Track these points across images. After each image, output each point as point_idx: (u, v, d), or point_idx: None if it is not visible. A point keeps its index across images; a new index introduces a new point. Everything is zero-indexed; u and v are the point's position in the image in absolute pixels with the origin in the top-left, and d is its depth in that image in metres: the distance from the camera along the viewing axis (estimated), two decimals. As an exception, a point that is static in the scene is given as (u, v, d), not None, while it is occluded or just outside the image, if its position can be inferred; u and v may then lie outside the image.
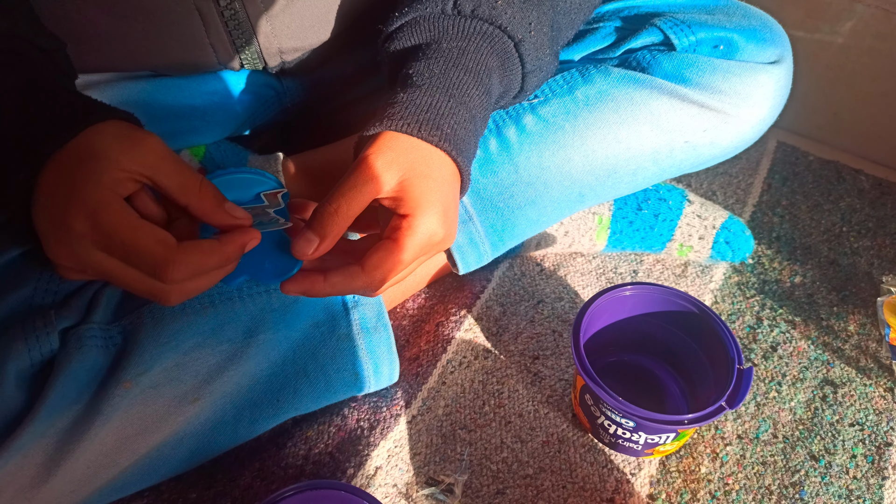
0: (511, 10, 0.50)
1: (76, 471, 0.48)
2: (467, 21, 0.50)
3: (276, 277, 0.47)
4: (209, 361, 0.53)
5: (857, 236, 0.83)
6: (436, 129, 0.46)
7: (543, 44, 0.52)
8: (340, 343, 0.58)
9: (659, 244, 0.77)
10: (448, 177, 0.47)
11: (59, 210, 0.40)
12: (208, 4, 0.55)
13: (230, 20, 0.57)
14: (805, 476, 0.61)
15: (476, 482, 0.60)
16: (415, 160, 0.45)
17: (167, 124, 0.61)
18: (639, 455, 0.61)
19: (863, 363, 0.70)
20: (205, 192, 0.43)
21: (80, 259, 0.41)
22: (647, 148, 0.63)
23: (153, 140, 0.43)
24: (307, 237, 0.44)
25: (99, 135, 0.42)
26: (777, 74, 0.63)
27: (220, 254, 0.43)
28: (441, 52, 0.49)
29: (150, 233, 0.40)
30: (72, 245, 0.40)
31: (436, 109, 0.47)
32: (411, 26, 0.51)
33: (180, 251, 0.41)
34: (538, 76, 0.54)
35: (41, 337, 0.48)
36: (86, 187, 0.40)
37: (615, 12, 0.65)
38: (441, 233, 0.46)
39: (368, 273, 0.45)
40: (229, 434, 0.56)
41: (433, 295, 0.75)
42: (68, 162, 0.41)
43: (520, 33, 0.50)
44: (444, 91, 0.48)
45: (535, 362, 0.69)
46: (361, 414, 0.64)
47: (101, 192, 0.40)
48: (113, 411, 0.49)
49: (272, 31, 0.59)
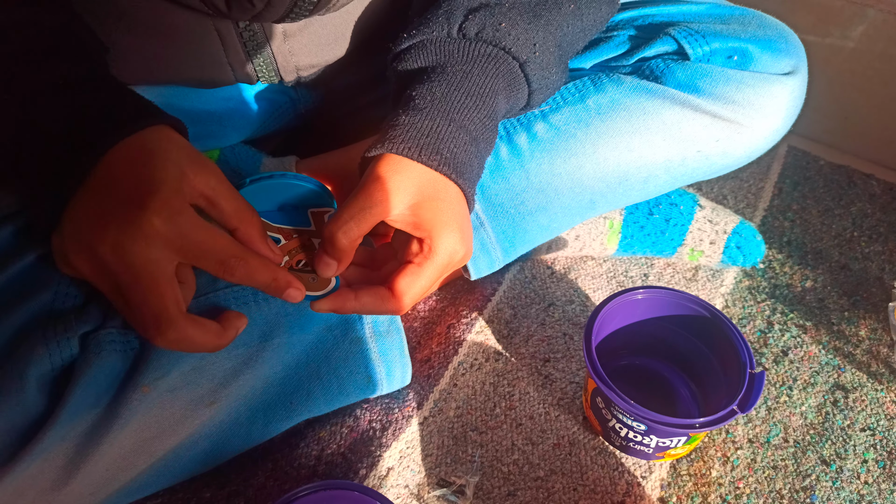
0: (515, 32, 0.51)
1: (95, 473, 0.49)
2: (472, 44, 0.51)
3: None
4: (225, 365, 0.53)
5: (868, 241, 0.83)
6: (435, 153, 0.47)
7: (549, 63, 0.53)
8: (353, 346, 0.58)
9: (670, 249, 0.77)
10: (455, 196, 0.48)
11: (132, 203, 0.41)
12: (227, 25, 0.56)
13: (249, 41, 0.58)
14: (816, 481, 0.61)
15: (487, 484, 0.60)
16: (421, 184, 0.47)
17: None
18: (650, 458, 0.61)
19: (874, 368, 0.70)
20: (256, 220, 0.46)
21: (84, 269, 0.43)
22: (658, 157, 0.63)
23: (213, 164, 0.45)
24: (325, 262, 0.47)
25: (169, 141, 0.44)
26: (791, 86, 0.63)
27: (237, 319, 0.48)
28: (444, 76, 0.50)
29: (222, 238, 0.43)
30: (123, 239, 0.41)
31: (436, 134, 0.48)
32: (418, 49, 0.52)
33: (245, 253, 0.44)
34: (544, 93, 0.55)
35: (61, 342, 0.48)
36: (164, 192, 0.41)
37: (629, 21, 0.65)
38: (461, 251, 0.48)
39: (398, 298, 0.47)
40: (243, 436, 0.56)
41: (444, 297, 0.75)
42: (131, 158, 0.42)
43: (524, 54, 0.51)
44: (444, 115, 0.49)
45: (546, 365, 0.69)
46: (374, 415, 0.64)
47: (181, 199, 0.42)
48: (131, 415, 0.49)
49: (289, 50, 0.60)
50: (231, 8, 0.52)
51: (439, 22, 0.51)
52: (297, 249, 0.51)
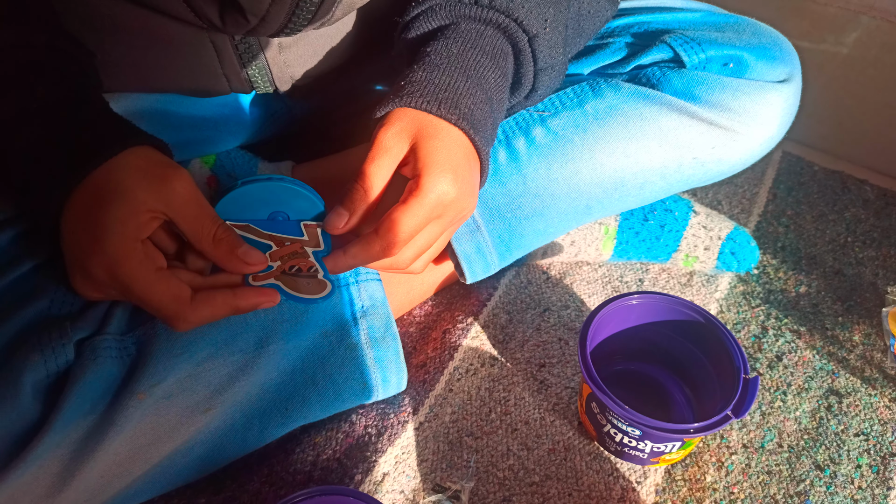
0: (528, 5, 0.51)
1: (90, 480, 0.49)
2: (484, 10, 0.51)
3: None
4: (221, 372, 0.53)
5: (861, 246, 0.83)
6: (454, 107, 0.47)
7: (557, 42, 0.53)
8: (349, 352, 0.58)
9: (664, 255, 0.77)
10: (457, 141, 0.48)
11: (81, 252, 0.43)
12: (223, 38, 0.56)
13: (244, 53, 0.58)
14: (810, 486, 0.62)
15: (482, 489, 0.60)
16: (423, 124, 0.47)
17: (179, 134, 0.62)
18: (644, 463, 0.62)
19: (868, 373, 0.70)
20: (219, 239, 0.46)
21: (101, 293, 0.46)
22: (655, 163, 0.63)
23: (180, 182, 0.45)
24: (338, 212, 0.48)
25: (127, 169, 0.44)
26: (786, 93, 0.63)
27: (233, 307, 0.47)
28: (459, 34, 0.51)
29: (166, 290, 0.44)
30: (92, 283, 0.45)
31: (454, 89, 0.48)
32: (428, 14, 0.52)
33: (192, 308, 0.45)
34: (550, 75, 0.55)
35: (57, 348, 0.48)
36: (109, 236, 0.43)
37: (626, 28, 0.66)
38: (452, 192, 0.47)
39: (383, 236, 0.47)
40: (238, 442, 0.56)
41: (440, 302, 0.75)
42: (92, 197, 0.44)
43: (535, 28, 0.51)
44: (461, 71, 0.49)
45: (542, 370, 0.69)
46: (369, 420, 0.64)
47: (123, 242, 0.43)
48: (127, 422, 0.49)
49: (285, 61, 0.60)
50: (226, 23, 0.52)
51: None
52: (290, 256, 0.51)
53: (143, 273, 0.43)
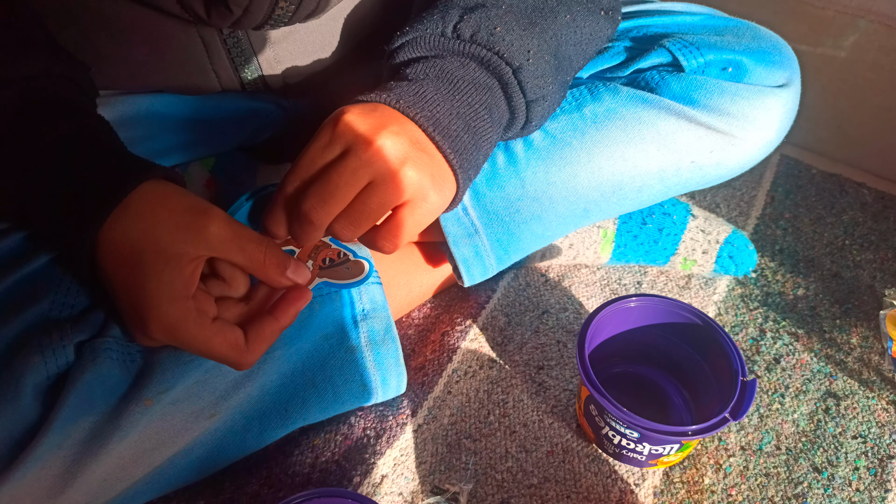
0: (510, 38, 0.51)
1: (92, 482, 0.49)
2: (465, 44, 0.51)
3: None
4: (227, 378, 0.53)
5: (859, 249, 0.84)
6: (416, 105, 0.48)
7: (546, 72, 0.53)
8: (349, 355, 0.58)
9: (663, 258, 0.77)
10: (407, 128, 0.48)
11: (139, 320, 0.45)
12: (211, 33, 0.56)
13: (233, 48, 0.58)
14: (808, 488, 0.62)
15: (481, 491, 0.61)
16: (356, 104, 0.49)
17: (175, 136, 0.62)
18: (643, 466, 0.62)
19: (865, 376, 0.70)
20: (269, 261, 0.48)
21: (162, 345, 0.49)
22: (653, 167, 0.63)
23: (214, 223, 0.46)
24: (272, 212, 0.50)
25: (155, 222, 0.45)
26: (785, 98, 0.63)
27: (280, 329, 0.49)
28: (440, 62, 0.51)
29: (223, 341, 0.46)
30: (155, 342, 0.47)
31: (421, 95, 0.49)
32: (411, 45, 0.52)
33: (249, 352, 0.47)
34: (543, 105, 0.54)
35: (57, 350, 0.48)
36: (160, 304, 0.44)
37: (624, 32, 0.66)
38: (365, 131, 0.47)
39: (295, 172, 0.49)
40: (238, 444, 0.56)
41: (438, 305, 0.75)
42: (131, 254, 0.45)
43: (517, 60, 0.51)
44: (433, 84, 0.50)
45: (540, 372, 0.69)
46: (368, 423, 0.64)
47: (174, 306, 0.44)
48: (132, 427, 0.49)
49: (275, 57, 0.60)
50: (210, 15, 0.52)
51: (434, 20, 0.51)
52: (315, 251, 0.52)
53: (199, 333, 0.45)
